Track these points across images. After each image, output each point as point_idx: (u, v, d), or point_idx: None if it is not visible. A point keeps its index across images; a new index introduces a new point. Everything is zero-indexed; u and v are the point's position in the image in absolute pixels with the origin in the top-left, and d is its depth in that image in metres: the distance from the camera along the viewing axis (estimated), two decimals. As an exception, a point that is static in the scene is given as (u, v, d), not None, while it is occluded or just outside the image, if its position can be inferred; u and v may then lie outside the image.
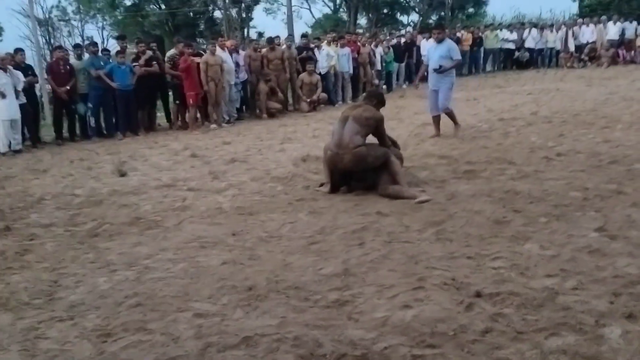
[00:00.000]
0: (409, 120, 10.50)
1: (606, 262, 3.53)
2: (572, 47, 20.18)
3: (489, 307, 3.04)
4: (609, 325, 2.79)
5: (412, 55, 17.72)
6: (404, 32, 22.73)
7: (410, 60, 17.74)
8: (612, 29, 20.02)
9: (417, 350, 2.70)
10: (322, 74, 13.89)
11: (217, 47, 11.93)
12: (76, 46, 12.99)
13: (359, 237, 4.34)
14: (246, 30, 34.39)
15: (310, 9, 39.29)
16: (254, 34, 33.42)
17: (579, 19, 22.69)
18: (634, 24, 20.14)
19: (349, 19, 34.88)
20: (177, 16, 33.24)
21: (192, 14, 34.36)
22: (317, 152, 7.52)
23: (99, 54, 11.64)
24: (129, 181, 7.03)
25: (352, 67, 14.76)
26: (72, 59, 11.49)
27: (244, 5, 33.19)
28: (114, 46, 12.67)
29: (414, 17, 36.44)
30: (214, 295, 3.48)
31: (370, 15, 35.90)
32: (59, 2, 34.68)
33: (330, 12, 38.53)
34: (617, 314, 2.89)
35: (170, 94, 12.48)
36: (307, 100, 13.40)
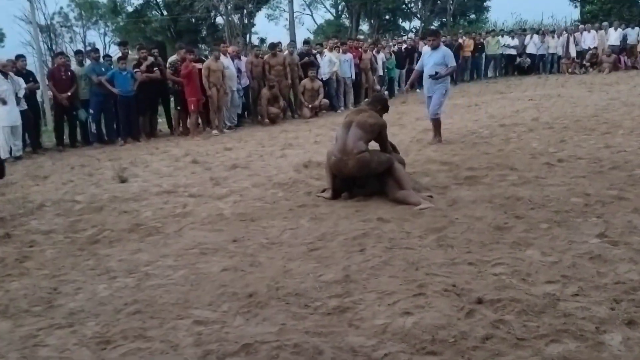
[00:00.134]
0: (411, 126, 10.50)
1: (607, 269, 3.52)
2: (573, 53, 20.21)
3: (489, 314, 3.03)
4: (609, 331, 2.78)
5: (414, 61, 17.69)
6: (405, 38, 22.75)
7: (411, 66, 17.72)
8: (613, 35, 20.05)
9: (418, 357, 2.69)
10: (324, 80, 13.91)
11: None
12: (77, 52, 13.02)
13: (360, 244, 4.32)
14: (248, 36, 34.46)
15: (312, 15, 39.49)
16: (256, 40, 33.58)
17: (580, 25, 22.73)
18: (636, 30, 20.16)
19: (351, 25, 34.97)
20: (179, 22, 33.36)
21: (194, 20, 34.46)
22: (319, 158, 7.52)
23: (101, 60, 11.68)
24: (129, 187, 7.03)
25: (354, 73, 14.79)
26: (74, 65, 11.52)
27: (246, 11, 33.26)
28: (115, 52, 12.67)
29: (416, 23, 36.55)
30: (214, 302, 3.47)
31: (372, 21, 36.00)
32: (61, 8, 34.83)
33: (332, 18, 38.66)
34: (617, 320, 2.87)
35: (171, 100, 12.50)
36: (309, 106, 13.41)
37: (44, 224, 5.61)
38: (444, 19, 34.32)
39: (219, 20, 33.96)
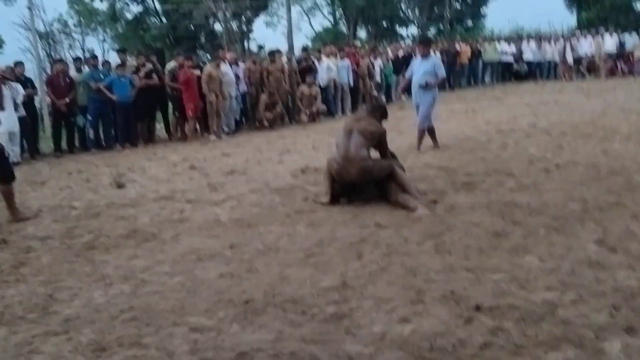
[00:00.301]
0: (409, 131, 10.46)
1: (606, 275, 3.50)
2: (570, 60, 20.25)
3: (488, 321, 3.00)
4: (609, 339, 2.75)
5: (411, 67, 17.76)
6: (403, 44, 22.77)
7: (409, 72, 17.77)
8: (610, 41, 20.12)
9: (416, 365, 2.67)
10: (322, 86, 13.93)
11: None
12: (76, 59, 13.04)
13: (357, 250, 4.30)
14: (246, 42, 34.51)
15: (310, 22, 39.50)
16: (254, 47, 33.60)
17: (577, 31, 22.78)
18: (634, 36, 20.21)
19: (348, 32, 35.02)
20: (177, 29, 33.37)
21: (192, 27, 34.48)
22: (316, 163, 7.51)
23: (99, 66, 11.69)
24: (126, 193, 7.01)
25: (352, 79, 14.81)
26: (72, 72, 11.53)
27: (244, 18, 33.32)
28: (114, 59, 12.69)
29: (413, 29, 36.62)
30: (211, 309, 3.44)
31: (369, 28, 36.08)
32: (61, 15, 34.84)
33: (330, 25, 38.71)
34: (617, 327, 2.85)
35: (169, 106, 12.50)
36: (307, 111, 13.41)
37: (40, 230, 5.59)
38: (441, 26, 34.41)
39: (218, 27, 34.02)
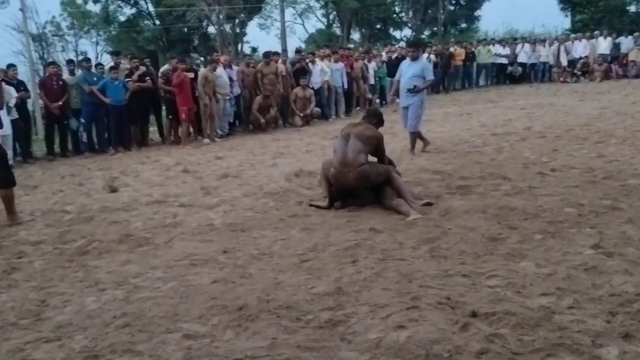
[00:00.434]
0: (403, 134, 10.46)
1: (602, 280, 3.48)
2: (564, 62, 20.31)
3: (484, 327, 2.98)
4: (605, 345, 2.73)
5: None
6: (396, 47, 22.78)
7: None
8: (604, 44, 20.19)
9: (411, 372, 2.64)
10: (316, 89, 13.91)
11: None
12: (69, 62, 12.98)
13: (352, 255, 4.27)
14: (240, 45, 34.49)
15: (303, 24, 39.57)
16: (247, 49, 33.59)
17: (571, 34, 22.86)
18: (629, 39, 20.28)
19: (342, 34, 35.06)
20: (171, 32, 33.37)
21: (186, 30, 34.47)
22: (310, 167, 7.48)
23: (92, 69, 11.63)
24: (119, 197, 6.95)
25: (346, 82, 14.80)
26: (65, 75, 11.47)
27: (238, 20, 33.30)
28: (108, 61, 12.66)
29: (407, 32, 36.70)
30: (204, 315, 3.40)
31: (363, 30, 36.12)
32: (53, 17, 34.77)
33: (323, 27, 38.76)
34: (614, 333, 2.83)
35: (163, 109, 12.45)
36: (301, 114, 13.39)
37: (33, 235, 5.53)
38: (435, 28, 34.49)
39: (211, 29, 34.01)
